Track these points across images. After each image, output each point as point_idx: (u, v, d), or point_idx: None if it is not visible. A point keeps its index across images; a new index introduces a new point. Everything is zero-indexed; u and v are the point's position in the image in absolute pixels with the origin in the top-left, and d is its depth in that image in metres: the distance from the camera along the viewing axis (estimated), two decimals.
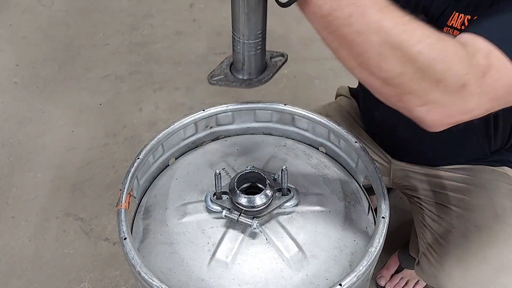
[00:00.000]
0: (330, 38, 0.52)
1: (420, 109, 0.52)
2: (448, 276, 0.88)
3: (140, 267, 0.63)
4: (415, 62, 0.49)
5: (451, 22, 0.79)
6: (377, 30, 0.48)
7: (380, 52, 0.49)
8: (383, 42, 0.48)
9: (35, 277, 1.34)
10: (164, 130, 0.85)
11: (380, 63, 0.50)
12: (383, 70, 0.50)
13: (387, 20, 0.49)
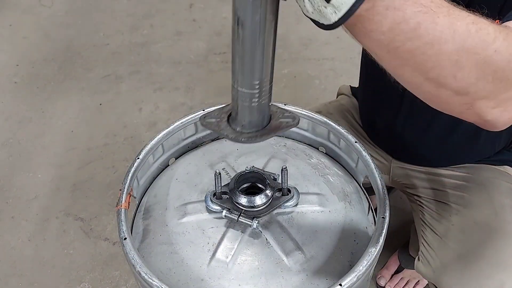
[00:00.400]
0: (390, 56, 0.45)
1: (494, 111, 0.48)
2: (447, 272, 0.88)
3: (140, 267, 0.63)
4: (493, 64, 0.44)
5: None
6: (451, 37, 0.42)
7: (456, 60, 0.43)
8: (458, 49, 0.43)
9: (35, 277, 1.34)
10: (164, 130, 0.85)
11: (455, 73, 0.44)
12: (458, 79, 0.45)
13: (459, 21, 0.43)
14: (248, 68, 0.56)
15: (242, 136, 0.61)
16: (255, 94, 0.58)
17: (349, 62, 2.09)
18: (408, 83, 0.47)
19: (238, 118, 0.62)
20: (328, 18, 0.41)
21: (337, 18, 0.41)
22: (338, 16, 0.41)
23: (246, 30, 0.53)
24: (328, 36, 2.23)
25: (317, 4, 0.41)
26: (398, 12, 0.41)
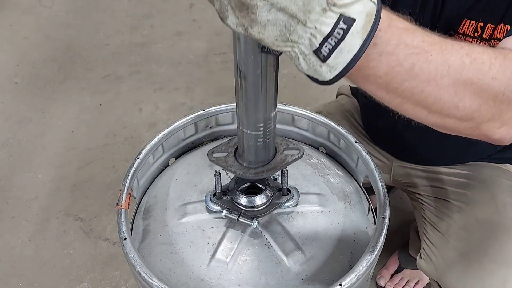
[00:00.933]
0: (390, 96, 0.46)
1: (500, 131, 0.50)
2: (449, 269, 0.88)
3: (140, 267, 0.63)
4: (492, 90, 0.46)
5: (462, 29, 0.80)
6: (446, 72, 0.44)
7: (455, 92, 0.45)
8: (455, 82, 0.45)
9: (35, 277, 1.34)
10: (164, 130, 0.85)
11: (457, 104, 0.46)
12: (460, 109, 0.47)
13: (452, 55, 0.45)
14: (252, 113, 0.59)
15: (249, 172, 0.65)
16: (260, 135, 0.61)
17: None
18: (413, 117, 0.49)
19: (244, 155, 0.65)
20: (323, 76, 0.42)
21: (332, 76, 0.42)
22: (334, 74, 0.42)
23: (248, 82, 0.56)
24: None
25: (313, 63, 0.42)
26: (392, 57, 0.42)
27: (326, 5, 0.39)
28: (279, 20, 0.40)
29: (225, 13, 0.41)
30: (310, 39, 0.40)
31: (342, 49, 0.40)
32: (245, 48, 0.51)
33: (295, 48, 0.41)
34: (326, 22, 0.39)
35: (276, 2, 0.38)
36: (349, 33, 0.40)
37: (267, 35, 0.41)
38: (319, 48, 0.40)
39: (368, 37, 0.40)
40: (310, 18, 0.39)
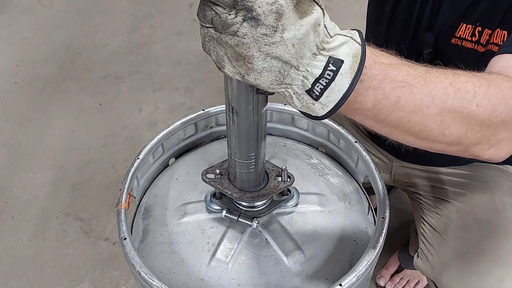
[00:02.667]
0: (378, 125, 0.49)
1: (489, 152, 0.52)
2: (446, 268, 0.88)
3: (140, 267, 0.63)
4: (477, 117, 0.48)
5: (459, 33, 0.81)
6: (431, 103, 0.46)
7: (441, 121, 0.48)
8: (441, 111, 0.47)
9: (35, 277, 1.34)
10: (164, 130, 0.85)
11: (442, 131, 0.48)
12: (447, 135, 0.49)
13: (436, 87, 0.47)
14: (244, 145, 0.62)
15: (245, 196, 0.68)
16: (252, 163, 0.64)
17: None
18: (402, 142, 0.52)
19: (237, 181, 0.68)
20: (316, 113, 0.45)
21: (325, 113, 0.45)
22: (326, 111, 0.45)
23: (240, 117, 0.59)
24: None
25: (306, 102, 0.45)
26: (378, 91, 0.45)
27: (316, 50, 0.42)
28: (274, 67, 0.42)
29: (221, 63, 0.44)
30: (303, 80, 0.43)
31: (333, 89, 0.43)
32: (238, 87, 0.54)
33: (289, 89, 0.44)
34: (317, 65, 0.43)
35: (271, 52, 0.41)
36: (338, 74, 0.42)
37: (263, 81, 0.44)
38: (311, 88, 0.43)
39: (356, 75, 0.43)
40: (302, 63, 0.42)
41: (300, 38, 0.41)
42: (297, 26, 0.41)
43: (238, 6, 0.40)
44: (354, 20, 2.28)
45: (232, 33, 0.41)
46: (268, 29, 0.40)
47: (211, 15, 0.42)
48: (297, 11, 0.41)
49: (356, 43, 0.44)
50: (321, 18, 0.43)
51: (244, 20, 0.40)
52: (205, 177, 0.70)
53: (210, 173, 0.71)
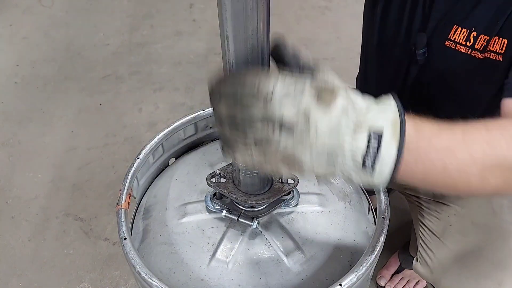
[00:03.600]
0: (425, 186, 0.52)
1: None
2: (445, 272, 0.88)
3: (140, 267, 0.63)
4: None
5: (453, 37, 0.80)
6: (473, 164, 0.49)
7: (482, 178, 0.50)
8: (481, 170, 0.50)
9: (35, 277, 1.34)
10: (164, 130, 0.85)
11: (483, 186, 0.51)
12: (487, 189, 0.52)
13: (475, 148, 0.49)
14: None
15: (250, 199, 0.68)
16: None
17: (350, 62, 2.09)
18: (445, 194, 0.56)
19: (241, 184, 0.68)
20: (376, 184, 0.48)
21: (384, 182, 0.47)
22: (384, 180, 0.47)
23: None
24: (328, 36, 2.23)
25: (364, 177, 0.47)
26: (426, 162, 0.48)
27: (354, 127, 0.45)
28: (321, 157, 0.46)
29: (279, 172, 0.48)
30: (353, 160, 0.46)
31: (383, 159, 0.45)
32: None
33: (345, 168, 0.47)
34: (360, 142, 0.45)
35: (314, 146, 0.45)
36: (382, 145, 0.45)
37: (317, 171, 0.47)
38: (363, 163, 0.46)
39: (401, 140, 0.45)
40: (345, 142, 0.45)
41: (334, 127, 0.44)
42: (326, 117, 0.44)
43: (270, 121, 0.44)
44: (354, 20, 2.28)
45: (276, 145, 0.46)
46: (303, 132, 0.44)
47: (253, 136, 0.46)
48: (322, 103, 0.44)
49: (391, 110, 0.46)
50: (347, 101, 0.45)
51: (281, 131, 0.45)
52: (209, 181, 0.71)
53: (214, 177, 0.71)
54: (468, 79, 0.83)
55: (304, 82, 0.45)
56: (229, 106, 0.47)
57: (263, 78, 0.45)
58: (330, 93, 0.45)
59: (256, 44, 0.50)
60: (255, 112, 0.44)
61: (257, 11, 0.47)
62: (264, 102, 0.44)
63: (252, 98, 0.45)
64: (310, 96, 0.44)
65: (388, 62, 0.95)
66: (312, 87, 0.45)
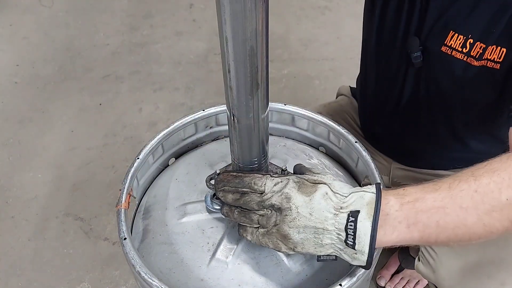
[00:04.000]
0: (433, 244, 0.59)
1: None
2: (447, 272, 0.88)
3: (139, 267, 0.63)
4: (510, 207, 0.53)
5: (450, 42, 0.80)
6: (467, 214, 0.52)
7: (483, 224, 0.53)
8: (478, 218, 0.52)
9: (35, 277, 1.34)
10: (164, 130, 0.85)
11: (489, 230, 0.54)
12: (495, 232, 0.54)
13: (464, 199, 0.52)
14: (246, 150, 0.64)
15: None
16: (255, 167, 0.66)
17: (349, 62, 2.09)
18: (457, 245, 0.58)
19: None
20: (362, 261, 0.54)
21: (366, 258, 0.53)
22: (365, 256, 0.53)
23: (241, 124, 0.60)
24: (328, 37, 2.23)
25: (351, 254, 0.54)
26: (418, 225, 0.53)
27: (335, 210, 0.53)
28: (308, 235, 0.55)
29: (279, 247, 0.58)
30: (338, 237, 0.53)
31: (360, 235, 0.52)
32: (238, 95, 0.56)
33: (334, 247, 0.55)
34: (341, 222, 0.53)
35: (298, 224, 0.55)
36: (358, 221, 0.52)
37: (307, 248, 0.56)
38: (345, 240, 0.53)
39: (374, 217, 0.52)
40: (328, 224, 0.53)
41: (313, 207, 0.54)
42: (306, 200, 0.55)
43: (266, 206, 0.57)
44: (354, 20, 2.29)
45: (273, 223, 0.56)
46: (287, 210, 0.55)
47: (256, 217, 0.58)
48: (302, 192, 0.56)
49: (369, 193, 0.53)
50: (327, 190, 0.55)
51: (275, 212, 0.57)
52: (208, 183, 0.71)
53: (213, 179, 0.71)
54: (464, 86, 0.83)
55: (288, 179, 0.58)
56: (234, 196, 0.61)
57: (257, 178, 0.59)
58: (311, 186, 0.56)
59: (255, 45, 0.50)
60: (253, 199, 0.58)
61: (256, 12, 0.47)
62: (259, 194, 0.58)
63: (250, 190, 0.59)
64: (291, 187, 0.56)
65: (387, 64, 0.95)
66: (294, 182, 0.57)
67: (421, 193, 0.54)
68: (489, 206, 0.52)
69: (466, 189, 0.53)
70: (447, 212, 0.52)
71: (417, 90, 0.91)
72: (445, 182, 0.54)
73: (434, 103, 0.91)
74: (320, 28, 2.29)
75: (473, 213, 0.52)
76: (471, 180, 0.53)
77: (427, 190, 0.54)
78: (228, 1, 0.46)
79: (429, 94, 0.90)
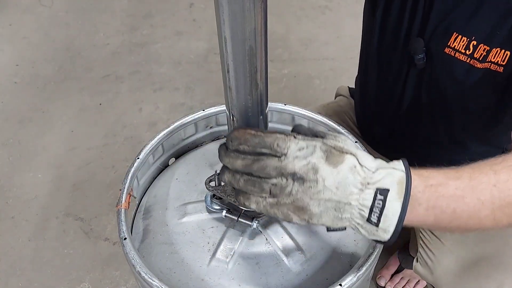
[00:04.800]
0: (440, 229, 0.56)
1: None
2: (445, 273, 0.88)
3: (140, 267, 0.63)
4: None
5: (453, 44, 0.80)
6: (482, 207, 0.52)
7: (493, 218, 0.53)
8: (492, 211, 0.53)
9: (35, 277, 1.34)
10: (164, 130, 0.85)
11: (496, 225, 0.55)
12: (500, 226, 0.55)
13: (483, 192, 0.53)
14: None
15: None
16: None
17: (349, 62, 2.09)
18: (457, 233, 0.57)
19: None
20: (382, 238, 0.52)
21: (389, 236, 0.52)
22: (389, 235, 0.52)
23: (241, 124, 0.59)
24: (328, 36, 2.23)
25: (370, 230, 0.52)
26: (435, 209, 0.52)
27: (361, 185, 0.50)
28: (328, 208, 0.51)
29: (289, 217, 0.53)
30: (360, 212, 0.51)
31: (387, 215, 0.50)
32: (237, 95, 0.56)
33: (353, 222, 0.52)
34: (367, 198, 0.50)
35: (321, 197, 0.51)
36: (387, 201, 0.50)
37: (325, 220, 0.52)
38: (369, 217, 0.51)
39: (405, 199, 0.50)
40: (352, 199, 0.50)
41: (340, 181, 0.50)
42: (334, 173, 0.50)
43: (285, 174, 0.51)
44: (354, 20, 2.29)
45: (287, 194, 0.51)
46: (312, 182, 0.50)
47: (269, 186, 0.52)
48: (330, 163, 0.51)
49: (399, 171, 0.51)
50: (355, 163, 0.51)
51: (294, 181, 0.51)
52: (208, 186, 0.71)
53: (213, 181, 0.71)
54: (467, 88, 0.83)
55: (314, 145, 0.52)
56: (245, 162, 0.53)
57: (281, 139, 0.52)
58: (339, 155, 0.52)
59: (254, 45, 0.50)
60: (270, 165, 0.51)
61: (255, 12, 0.47)
62: (280, 158, 0.51)
63: (270, 153, 0.52)
64: (319, 156, 0.51)
65: (388, 66, 0.95)
66: (321, 150, 0.52)
67: (443, 178, 0.53)
68: (504, 202, 0.53)
69: (486, 182, 0.53)
70: (466, 201, 0.52)
71: (418, 92, 0.91)
72: (466, 172, 0.54)
73: (435, 105, 0.91)
74: (320, 28, 2.29)
75: (488, 207, 0.53)
76: (491, 174, 0.54)
77: (450, 177, 0.54)
78: (226, 1, 0.46)
79: (431, 96, 0.90)
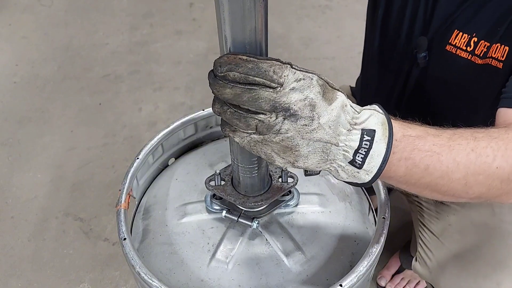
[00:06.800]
0: (409, 188, 0.55)
1: (509, 200, 0.57)
2: (443, 272, 0.88)
3: (139, 268, 0.62)
4: (497, 177, 0.53)
5: (454, 41, 0.81)
6: (456, 169, 0.52)
7: (465, 183, 0.53)
8: (465, 175, 0.52)
9: (34, 277, 1.34)
10: (164, 130, 0.85)
11: (466, 190, 0.54)
12: (470, 193, 0.54)
13: (460, 154, 0.52)
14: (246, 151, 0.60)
15: (248, 202, 0.68)
16: (255, 167, 0.64)
17: (350, 61, 2.09)
18: (429, 197, 0.57)
19: (240, 185, 0.68)
20: (363, 179, 0.51)
21: (371, 178, 0.50)
22: (371, 176, 0.50)
23: None
24: (329, 36, 2.23)
25: (351, 172, 0.50)
26: (409, 161, 0.51)
27: (349, 126, 0.49)
28: (317, 149, 0.49)
29: (271, 159, 0.50)
30: (344, 154, 0.49)
31: (373, 155, 0.49)
32: None
33: (333, 164, 0.50)
34: (353, 139, 0.49)
35: (313, 137, 0.48)
36: (374, 142, 0.49)
37: (310, 163, 0.50)
38: (353, 159, 0.49)
39: (389, 140, 0.49)
40: (340, 139, 0.48)
41: (334, 120, 0.48)
42: (328, 111, 0.48)
43: (277, 109, 0.47)
44: (354, 20, 2.28)
45: (275, 132, 0.48)
46: (307, 120, 0.47)
47: (255, 123, 0.48)
48: (326, 100, 0.48)
49: (380, 114, 0.50)
50: (346, 100, 0.49)
51: (285, 119, 0.47)
52: (208, 185, 0.71)
53: (213, 180, 0.71)
54: (467, 84, 0.83)
55: (311, 78, 0.48)
56: (234, 91, 0.48)
57: (277, 66, 0.46)
58: (332, 91, 0.49)
59: (255, 44, 0.50)
60: (264, 95, 0.46)
61: (255, 11, 0.47)
62: (275, 87, 0.46)
63: (264, 82, 0.46)
64: (316, 91, 0.47)
65: (389, 65, 0.95)
66: (318, 84, 0.48)
67: (423, 132, 0.52)
68: (479, 168, 0.52)
69: (464, 145, 0.53)
70: (440, 159, 0.51)
71: (420, 89, 0.91)
72: (446, 132, 0.54)
73: (436, 102, 0.91)
74: (321, 27, 2.28)
75: (462, 170, 0.52)
76: (471, 139, 0.53)
77: (429, 133, 0.53)
78: (227, 0, 0.46)
79: (432, 93, 0.90)
